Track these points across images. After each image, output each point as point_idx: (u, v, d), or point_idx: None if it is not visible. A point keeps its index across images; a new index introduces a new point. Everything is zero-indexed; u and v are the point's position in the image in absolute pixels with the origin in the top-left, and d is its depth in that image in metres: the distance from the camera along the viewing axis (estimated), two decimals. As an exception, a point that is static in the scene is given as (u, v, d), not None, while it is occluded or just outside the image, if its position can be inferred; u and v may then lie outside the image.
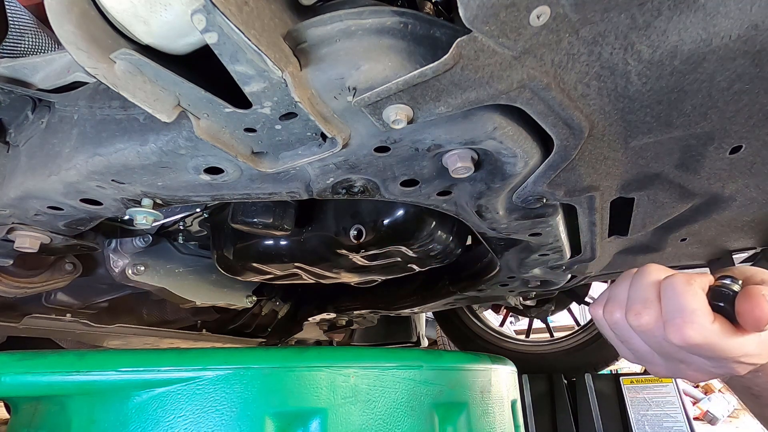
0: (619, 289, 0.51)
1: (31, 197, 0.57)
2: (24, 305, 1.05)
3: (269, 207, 0.74)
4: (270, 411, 0.58)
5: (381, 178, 0.55)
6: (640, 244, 0.96)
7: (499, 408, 0.79)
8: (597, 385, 2.01)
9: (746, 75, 0.42)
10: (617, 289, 0.51)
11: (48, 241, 0.68)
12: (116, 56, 0.36)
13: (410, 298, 1.32)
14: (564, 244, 0.79)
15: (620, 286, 0.51)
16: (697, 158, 0.58)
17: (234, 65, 0.35)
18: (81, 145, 0.50)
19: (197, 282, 1.10)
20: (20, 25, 0.64)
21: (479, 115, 0.44)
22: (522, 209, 0.65)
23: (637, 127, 0.49)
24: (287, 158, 0.48)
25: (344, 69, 0.39)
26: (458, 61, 0.35)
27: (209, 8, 0.31)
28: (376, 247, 0.81)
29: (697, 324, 0.43)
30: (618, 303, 0.50)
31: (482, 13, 0.32)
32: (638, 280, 0.49)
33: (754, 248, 0.98)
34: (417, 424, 0.65)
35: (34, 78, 0.52)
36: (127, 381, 0.56)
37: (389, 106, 0.39)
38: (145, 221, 0.57)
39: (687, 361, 0.48)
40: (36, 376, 0.55)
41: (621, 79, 0.41)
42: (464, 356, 0.79)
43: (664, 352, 0.48)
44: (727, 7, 0.35)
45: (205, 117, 0.42)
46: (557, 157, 0.51)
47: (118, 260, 0.95)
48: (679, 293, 0.45)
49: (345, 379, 0.62)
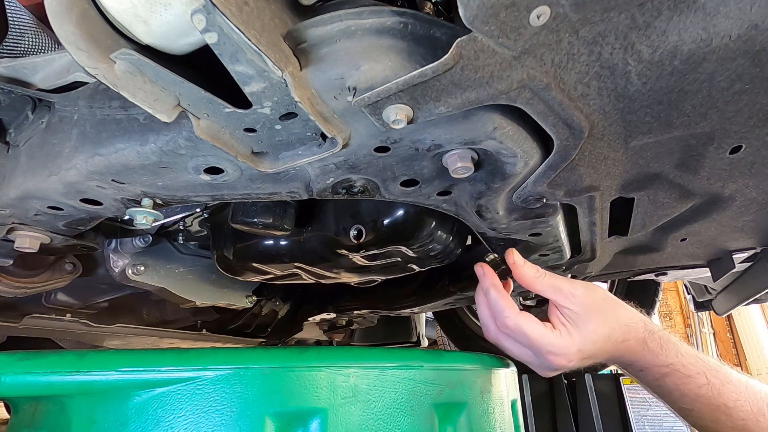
0: (482, 313, 0.70)
1: (31, 197, 0.57)
2: (24, 305, 1.05)
3: (269, 207, 0.74)
4: (270, 411, 0.58)
5: (381, 178, 0.55)
6: (640, 244, 0.96)
7: (499, 408, 0.79)
8: (597, 385, 2.01)
9: (746, 75, 0.42)
10: (482, 315, 0.71)
11: (48, 241, 0.68)
12: (116, 56, 0.36)
13: (410, 298, 1.32)
14: (564, 244, 0.79)
15: (480, 310, 0.71)
16: (697, 158, 0.58)
17: (234, 65, 0.35)
18: (81, 145, 0.50)
19: (197, 282, 1.10)
20: (20, 25, 0.64)
21: (479, 115, 0.44)
22: (522, 209, 0.65)
23: (637, 127, 0.49)
24: (287, 158, 0.48)
25: (344, 69, 0.39)
26: (458, 61, 0.35)
27: (209, 8, 0.31)
28: (376, 247, 0.80)
29: (507, 312, 0.63)
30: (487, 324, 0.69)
31: (482, 13, 0.32)
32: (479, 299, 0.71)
33: (754, 248, 0.98)
34: (417, 424, 0.65)
35: (34, 78, 0.52)
36: (127, 381, 0.56)
37: (389, 106, 0.39)
38: (145, 221, 0.57)
39: (522, 352, 0.64)
40: (36, 376, 0.55)
41: (621, 79, 0.41)
42: (464, 356, 0.79)
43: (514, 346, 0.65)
44: (727, 7, 0.35)
45: (205, 117, 0.42)
46: (557, 157, 0.51)
47: (118, 260, 0.95)
48: (493, 299, 0.66)
49: (345, 379, 0.62)
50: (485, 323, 0.68)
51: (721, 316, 1.62)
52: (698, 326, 5.76)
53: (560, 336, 0.61)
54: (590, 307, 0.62)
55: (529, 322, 0.62)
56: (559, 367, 0.62)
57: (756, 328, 5.49)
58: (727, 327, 5.79)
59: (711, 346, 5.70)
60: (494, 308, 0.65)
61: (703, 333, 5.77)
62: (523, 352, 0.64)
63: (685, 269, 1.16)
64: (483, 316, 0.68)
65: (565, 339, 0.61)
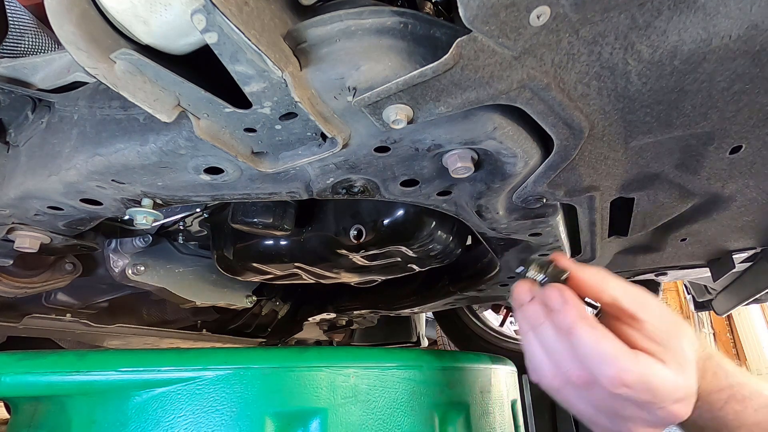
0: (535, 354, 0.49)
1: (31, 197, 0.57)
2: (24, 305, 1.05)
3: (269, 207, 0.74)
4: (270, 411, 0.58)
5: (381, 178, 0.55)
6: (640, 244, 0.96)
7: (499, 408, 0.79)
8: (597, 385, 2.00)
9: (746, 75, 0.42)
10: (536, 357, 0.49)
11: (48, 241, 0.68)
12: (116, 56, 0.36)
13: (410, 298, 1.32)
14: (564, 244, 0.79)
15: (534, 349, 0.49)
16: (697, 158, 0.58)
17: (234, 65, 0.35)
18: (81, 145, 0.50)
19: (197, 282, 1.10)
20: (20, 25, 0.64)
21: (479, 115, 0.44)
22: (522, 209, 0.65)
23: (637, 127, 0.49)
24: (287, 158, 0.48)
25: (344, 69, 0.39)
26: (458, 61, 0.35)
27: (209, 8, 0.31)
28: (376, 247, 0.80)
29: (621, 363, 0.42)
30: (545, 371, 0.47)
31: (482, 13, 0.32)
32: (544, 337, 0.47)
33: (754, 248, 0.98)
34: (417, 424, 0.65)
35: (34, 78, 0.52)
36: (127, 381, 0.56)
37: (389, 106, 0.39)
38: (145, 221, 0.57)
39: (625, 414, 0.45)
40: (36, 376, 0.55)
41: (621, 79, 0.41)
42: (464, 356, 0.79)
43: (604, 407, 0.46)
44: (727, 7, 0.35)
45: (205, 117, 0.42)
46: (557, 157, 0.51)
47: (118, 260, 0.95)
48: (590, 344, 0.43)
49: (345, 379, 0.62)
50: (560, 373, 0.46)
51: (721, 316, 1.61)
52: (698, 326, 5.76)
53: (675, 373, 0.44)
54: (667, 317, 0.47)
55: (653, 365, 0.43)
56: (681, 417, 0.45)
57: (756, 328, 5.49)
58: (727, 327, 5.79)
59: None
60: (589, 355, 0.43)
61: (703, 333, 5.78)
62: (633, 414, 0.45)
63: (685, 269, 1.16)
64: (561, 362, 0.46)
65: (679, 374, 0.44)
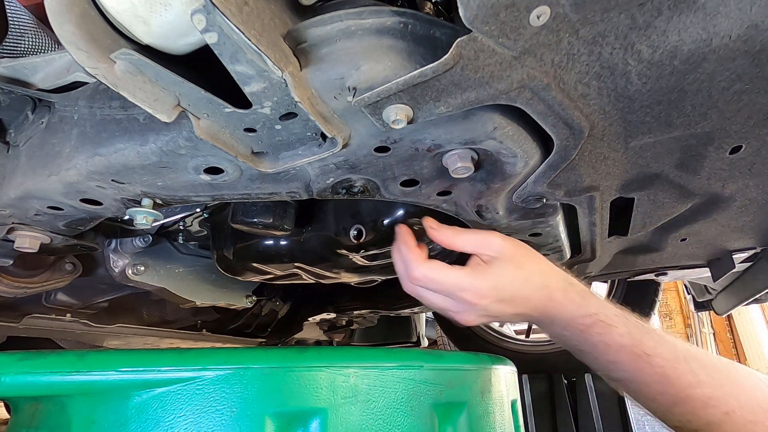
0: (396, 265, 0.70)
1: (31, 197, 0.57)
2: (24, 305, 1.05)
3: (269, 207, 0.74)
4: (270, 411, 0.58)
5: (381, 178, 0.55)
6: (640, 244, 0.96)
7: (499, 408, 0.79)
8: (597, 385, 2.00)
9: (746, 75, 0.42)
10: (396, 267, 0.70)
11: (48, 241, 0.68)
12: (116, 56, 0.36)
13: (410, 298, 1.32)
14: (564, 244, 0.79)
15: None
16: (697, 158, 0.58)
17: (234, 65, 0.35)
18: (81, 145, 0.50)
19: (197, 282, 1.10)
20: (20, 25, 0.64)
21: (479, 115, 0.44)
22: (522, 209, 0.65)
23: (637, 127, 0.49)
24: (287, 158, 0.48)
25: (344, 69, 0.39)
26: (458, 61, 0.35)
27: (209, 8, 0.31)
28: (376, 247, 0.81)
29: (413, 264, 0.62)
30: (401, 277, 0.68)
31: (482, 13, 0.32)
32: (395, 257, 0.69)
33: (754, 248, 0.98)
34: (417, 424, 0.65)
35: (34, 78, 0.52)
36: (127, 381, 0.56)
37: (389, 106, 0.39)
38: (145, 221, 0.57)
39: (437, 303, 0.65)
40: (36, 376, 0.55)
41: (621, 79, 0.41)
42: (464, 356, 0.79)
43: (425, 299, 0.66)
44: (727, 7, 0.35)
45: (205, 117, 0.42)
46: (557, 157, 0.51)
47: (118, 260, 0.95)
48: (403, 254, 0.65)
49: (345, 379, 0.62)
50: (401, 278, 0.68)
51: (721, 316, 1.62)
52: (698, 326, 5.76)
53: (472, 274, 0.61)
54: (508, 251, 0.62)
55: (435, 267, 0.62)
56: (476, 305, 0.61)
57: (756, 328, 5.49)
58: (727, 327, 5.79)
59: (711, 346, 5.70)
60: (405, 262, 0.65)
61: (703, 333, 5.77)
62: (438, 300, 0.64)
63: (685, 269, 1.16)
64: (398, 271, 0.68)
65: (477, 276, 0.60)
